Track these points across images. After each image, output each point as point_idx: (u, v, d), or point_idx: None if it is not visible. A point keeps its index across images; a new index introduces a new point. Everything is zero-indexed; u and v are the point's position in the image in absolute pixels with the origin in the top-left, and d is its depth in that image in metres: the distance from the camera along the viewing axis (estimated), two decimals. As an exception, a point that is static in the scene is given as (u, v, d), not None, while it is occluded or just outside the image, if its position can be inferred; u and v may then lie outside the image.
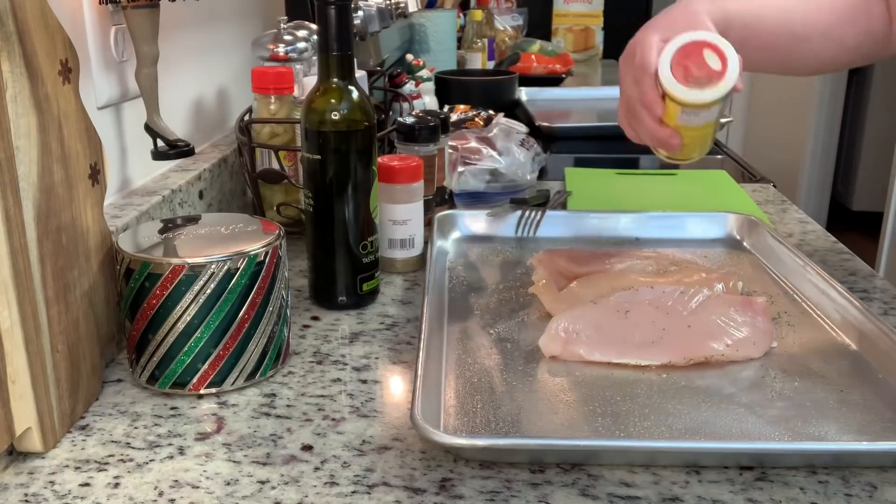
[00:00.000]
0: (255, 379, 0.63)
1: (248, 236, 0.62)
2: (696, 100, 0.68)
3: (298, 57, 0.98)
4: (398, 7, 1.36)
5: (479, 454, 0.53)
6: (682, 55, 0.68)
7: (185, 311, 0.59)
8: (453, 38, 1.97)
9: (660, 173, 1.22)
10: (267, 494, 0.50)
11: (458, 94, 1.55)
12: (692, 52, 0.68)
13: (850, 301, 0.70)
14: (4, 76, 0.49)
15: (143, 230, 0.64)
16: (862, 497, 0.50)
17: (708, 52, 0.68)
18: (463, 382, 0.62)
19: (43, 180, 0.53)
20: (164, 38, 0.79)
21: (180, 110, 0.95)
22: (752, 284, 0.80)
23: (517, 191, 1.09)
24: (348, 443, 0.56)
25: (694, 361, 0.65)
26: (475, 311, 0.75)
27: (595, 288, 0.72)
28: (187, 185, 0.85)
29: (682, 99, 0.68)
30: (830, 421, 0.57)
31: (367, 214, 0.75)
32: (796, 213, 1.05)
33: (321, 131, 0.72)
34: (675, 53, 0.68)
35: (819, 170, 3.48)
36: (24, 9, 0.51)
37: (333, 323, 0.74)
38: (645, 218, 0.94)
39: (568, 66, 2.18)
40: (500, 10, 2.63)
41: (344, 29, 0.71)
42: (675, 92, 0.68)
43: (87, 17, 0.73)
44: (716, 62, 0.68)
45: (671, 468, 0.53)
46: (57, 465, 0.53)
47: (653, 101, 0.71)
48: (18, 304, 0.50)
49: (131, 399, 0.62)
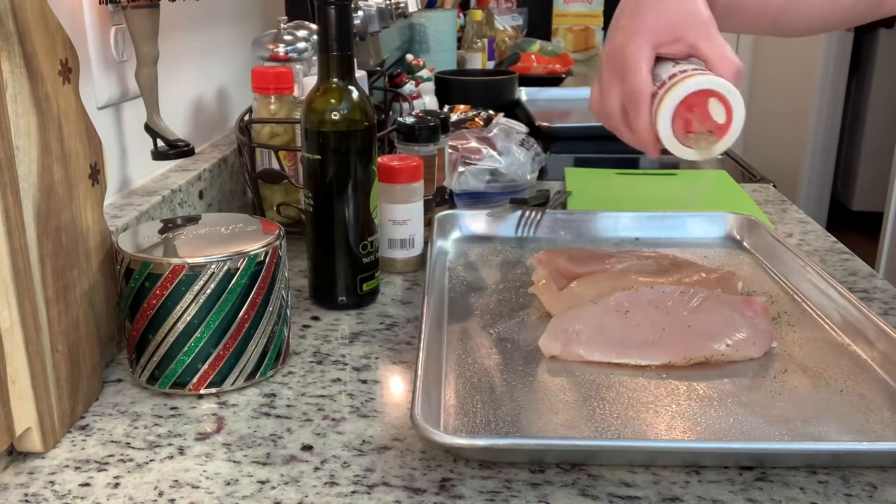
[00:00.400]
0: (255, 379, 0.63)
1: (248, 236, 0.62)
2: (696, 158, 0.63)
3: (298, 57, 0.98)
4: (398, 7, 1.36)
5: (479, 454, 0.53)
6: (685, 107, 0.62)
7: (185, 311, 0.59)
8: (453, 38, 1.97)
9: (660, 173, 1.23)
10: (267, 494, 0.50)
11: (458, 94, 1.55)
12: (695, 104, 0.61)
13: (850, 301, 0.70)
14: (4, 76, 0.49)
15: (143, 230, 0.64)
16: (862, 497, 0.50)
17: (713, 101, 0.61)
18: (463, 382, 0.62)
19: (43, 180, 0.53)
20: (164, 38, 0.79)
21: (180, 110, 0.95)
22: (752, 284, 0.80)
23: (517, 191, 1.09)
24: (348, 443, 0.56)
25: (694, 361, 0.65)
26: (475, 311, 0.75)
27: (595, 288, 0.72)
28: (187, 185, 0.85)
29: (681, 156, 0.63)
30: (830, 421, 0.57)
31: (366, 214, 0.75)
32: (796, 213, 1.05)
33: (321, 131, 0.72)
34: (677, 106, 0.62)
35: (819, 170, 3.48)
36: (24, 9, 0.51)
37: (333, 323, 0.74)
38: (645, 218, 0.94)
39: (568, 66, 2.18)
40: (500, 10, 2.63)
41: (344, 29, 0.71)
42: (675, 150, 0.63)
43: (87, 17, 0.73)
44: (720, 114, 0.61)
45: (671, 468, 0.53)
46: (57, 465, 0.53)
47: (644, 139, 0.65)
48: (18, 304, 0.50)
49: (131, 399, 0.62)
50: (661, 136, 0.62)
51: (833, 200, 3.60)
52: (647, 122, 0.64)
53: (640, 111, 0.64)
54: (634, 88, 0.63)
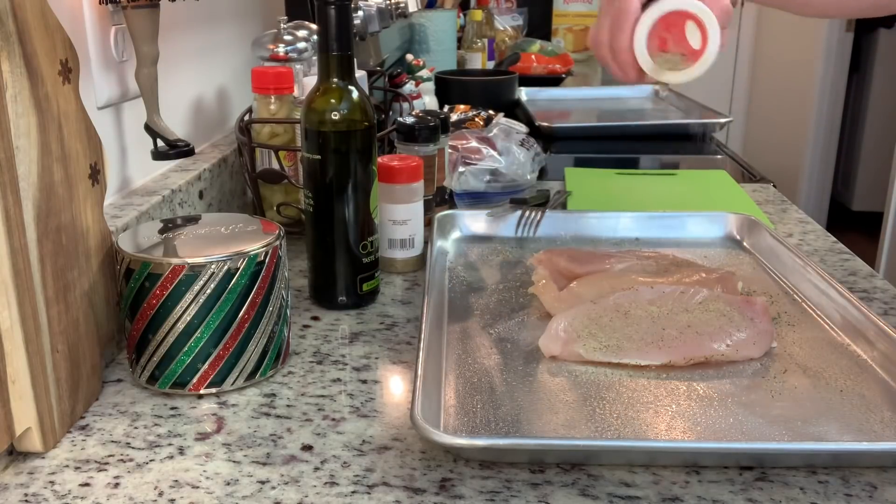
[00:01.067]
0: (255, 379, 0.63)
1: (248, 236, 0.62)
2: (667, 80, 0.66)
3: (298, 57, 0.98)
4: (398, 7, 1.36)
5: (479, 454, 0.53)
6: (663, 25, 0.64)
7: (185, 311, 0.59)
8: (453, 38, 1.97)
9: (660, 173, 1.23)
10: (267, 494, 0.50)
11: (458, 94, 1.55)
12: (673, 24, 0.64)
13: (850, 301, 0.70)
14: (4, 76, 0.49)
15: (143, 230, 0.64)
16: (862, 497, 0.50)
17: (690, 24, 0.63)
18: (463, 382, 0.62)
19: (43, 180, 0.53)
20: (164, 38, 0.79)
21: (180, 110, 0.95)
22: (752, 284, 0.80)
23: (517, 191, 1.09)
24: (348, 443, 0.56)
25: (694, 361, 0.65)
26: (475, 311, 0.75)
27: (595, 288, 0.72)
28: (187, 185, 0.85)
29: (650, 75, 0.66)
30: (830, 421, 0.57)
31: (366, 214, 0.75)
32: (796, 213, 1.05)
33: (321, 131, 0.72)
34: (654, 23, 0.64)
35: (819, 170, 3.49)
36: (24, 9, 0.51)
37: (333, 323, 0.74)
38: (645, 218, 0.94)
39: (568, 66, 2.18)
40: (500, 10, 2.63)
41: (344, 29, 0.71)
42: (647, 69, 0.65)
43: (87, 17, 0.73)
44: (696, 39, 0.63)
45: (671, 468, 0.53)
46: (57, 465, 0.53)
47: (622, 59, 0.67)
48: (18, 304, 0.50)
49: (131, 399, 0.62)
50: (637, 52, 0.65)
51: (833, 200, 3.60)
52: (627, 42, 0.66)
53: (622, 29, 0.66)
54: (620, 8, 0.65)
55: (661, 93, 1.87)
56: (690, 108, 1.70)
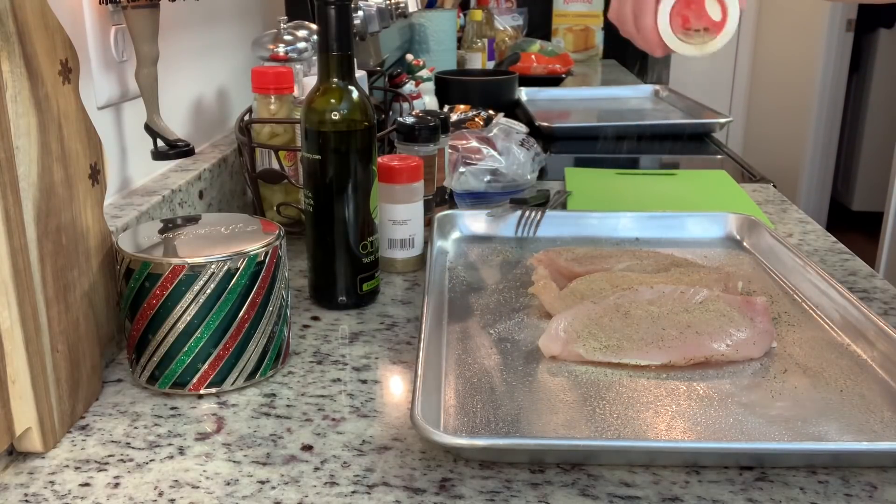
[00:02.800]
0: (255, 379, 0.63)
1: (248, 236, 0.62)
2: (691, 54, 0.70)
3: (298, 57, 0.98)
4: (398, 7, 1.36)
5: (479, 454, 0.53)
6: (683, 4, 0.68)
7: (185, 311, 0.59)
8: (453, 38, 1.97)
9: (660, 173, 1.23)
10: (267, 494, 0.50)
11: (458, 94, 1.55)
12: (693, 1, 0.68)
13: (850, 301, 0.70)
14: (4, 76, 0.49)
15: (143, 230, 0.64)
16: (862, 497, 0.50)
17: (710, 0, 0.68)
18: (463, 382, 0.62)
19: (43, 180, 0.53)
20: (164, 38, 0.79)
21: (180, 110, 0.95)
22: (752, 284, 0.80)
23: (517, 191, 1.09)
24: (348, 443, 0.56)
25: (694, 361, 0.65)
26: (475, 311, 0.75)
27: (595, 288, 0.72)
28: (187, 185, 0.85)
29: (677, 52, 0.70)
30: (830, 421, 0.57)
31: (366, 214, 0.75)
32: (796, 213, 1.05)
33: (321, 131, 0.72)
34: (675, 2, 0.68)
35: (819, 170, 3.49)
36: (24, 9, 0.51)
37: (333, 323, 0.74)
38: (645, 218, 0.94)
39: (568, 66, 2.18)
40: (500, 10, 2.63)
41: (344, 29, 0.71)
42: (672, 45, 0.69)
43: (87, 17, 0.73)
44: (716, 11, 0.67)
45: (671, 468, 0.53)
46: (57, 465, 0.53)
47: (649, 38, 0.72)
48: (18, 304, 0.50)
49: (131, 399, 0.62)
50: (661, 30, 0.69)
51: (833, 200, 3.60)
52: (652, 21, 0.71)
53: (645, 10, 0.71)
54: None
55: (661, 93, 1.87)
56: (690, 108, 1.70)
